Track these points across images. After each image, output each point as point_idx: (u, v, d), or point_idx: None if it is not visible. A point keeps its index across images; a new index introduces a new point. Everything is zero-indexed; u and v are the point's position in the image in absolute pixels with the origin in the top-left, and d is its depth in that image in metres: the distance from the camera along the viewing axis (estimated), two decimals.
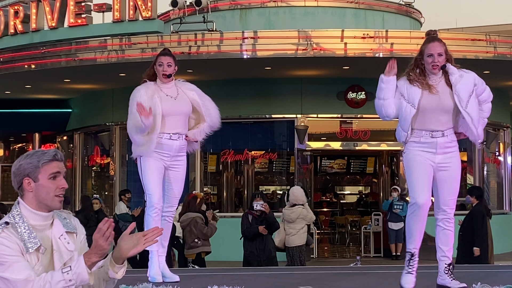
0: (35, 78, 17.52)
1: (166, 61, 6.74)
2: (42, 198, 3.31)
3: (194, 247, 11.32)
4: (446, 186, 5.87)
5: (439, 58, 5.86)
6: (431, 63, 5.87)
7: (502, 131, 20.02)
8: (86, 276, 3.16)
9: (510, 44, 15.73)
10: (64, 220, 3.41)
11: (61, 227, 3.37)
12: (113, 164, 18.72)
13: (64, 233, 3.36)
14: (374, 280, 7.39)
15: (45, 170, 3.32)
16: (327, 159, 23.36)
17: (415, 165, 5.89)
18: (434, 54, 5.88)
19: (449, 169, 5.86)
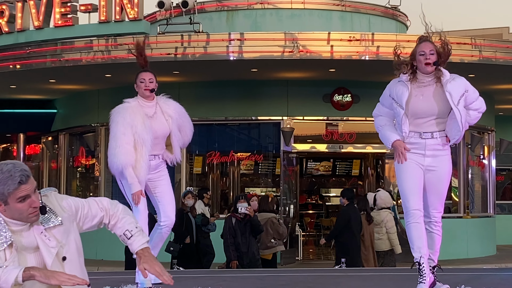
0: (20, 78, 17.44)
1: (147, 77, 6.84)
2: (17, 217, 3.35)
3: (270, 247, 11.40)
4: (433, 189, 5.88)
5: (431, 56, 5.93)
6: (423, 61, 5.93)
7: (487, 134, 20.11)
8: (11, 283, 3.16)
9: (495, 48, 15.81)
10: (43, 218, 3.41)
11: (40, 226, 3.38)
12: (98, 165, 18.66)
13: (43, 230, 3.37)
14: (359, 282, 7.40)
15: (13, 195, 3.32)
16: (313, 161, 23.37)
17: (405, 171, 5.89)
18: (426, 51, 5.96)
19: (437, 172, 5.87)
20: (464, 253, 17.54)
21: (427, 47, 5.99)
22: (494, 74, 16.64)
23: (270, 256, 11.46)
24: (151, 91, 6.79)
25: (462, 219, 18.40)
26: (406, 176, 5.89)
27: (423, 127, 5.90)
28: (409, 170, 5.87)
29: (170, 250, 12.13)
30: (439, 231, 5.92)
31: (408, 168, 5.87)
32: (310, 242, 21.59)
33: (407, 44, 14.77)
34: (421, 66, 5.94)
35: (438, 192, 5.89)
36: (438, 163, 5.89)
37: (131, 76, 16.83)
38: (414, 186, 5.86)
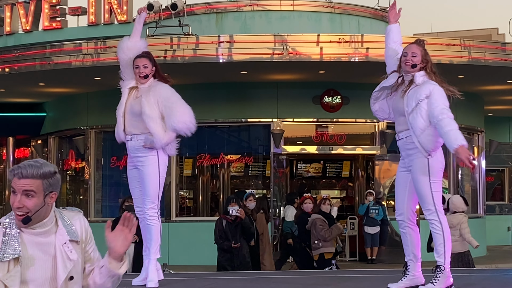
0: (9, 81, 17.38)
1: (141, 63, 7.00)
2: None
3: (315, 248, 11.46)
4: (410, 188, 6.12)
5: (413, 58, 6.13)
6: (404, 61, 6.16)
7: (477, 135, 20.16)
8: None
9: (484, 49, 15.85)
10: (68, 226, 3.35)
11: (65, 234, 3.31)
12: (88, 168, 18.61)
13: (68, 241, 3.30)
14: (349, 284, 7.40)
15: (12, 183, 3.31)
16: (303, 163, 23.36)
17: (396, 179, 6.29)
18: (408, 53, 6.17)
19: (411, 172, 6.08)
20: None
21: (410, 49, 6.20)
22: (483, 75, 16.69)
23: (317, 257, 11.55)
24: (144, 77, 6.95)
25: None
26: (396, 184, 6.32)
27: (397, 126, 6.21)
28: (397, 178, 6.28)
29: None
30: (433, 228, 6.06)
31: (397, 175, 6.29)
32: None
33: None
34: (402, 65, 6.19)
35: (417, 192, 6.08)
36: (410, 163, 6.08)
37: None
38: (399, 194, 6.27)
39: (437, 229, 6.01)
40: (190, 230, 16.75)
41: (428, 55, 6.25)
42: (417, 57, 6.14)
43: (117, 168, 18.04)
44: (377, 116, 6.52)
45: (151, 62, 6.99)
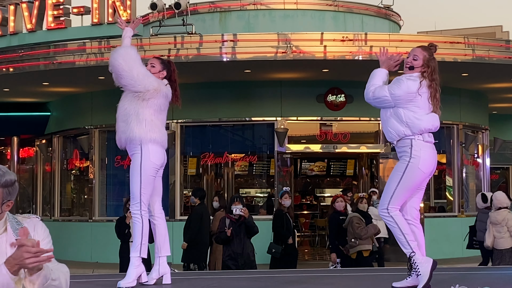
0: (14, 81, 17.40)
1: (150, 62, 7.10)
2: None
3: (352, 247, 11.51)
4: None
5: (413, 60, 6.23)
6: (405, 62, 6.32)
7: (481, 133, 20.13)
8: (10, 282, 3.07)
9: (488, 47, 15.83)
10: (19, 227, 3.35)
11: (12, 235, 3.33)
12: (92, 168, 18.63)
13: (15, 240, 3.28)
14: (353, 283, 7.40)
15: None
16: (307, 161, 23.38)
17: None
18: (410, 54, 6.29)
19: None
20: (459, 252, 17.53)
21: (413, 51, 6.32)
22: (487, 73, 16.66)
23: (355, 255, 11.59)
24: None
25: (457, 218, 18.42)
26: None
27: None
28: None
29: (272, 251, 12.12)
30: (387, 223, 6.24)
31: None
32: (305, 243, 21.59)
33: (401, 44, 14.91)
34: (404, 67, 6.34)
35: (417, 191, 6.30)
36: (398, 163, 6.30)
37: None
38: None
39: (389, 223, 6.16)
40: None
41: (432, 61, 6.25)
42: (418, 61, 6.19)
43: (121, 167, 18.05)
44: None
45: (162, 65, 6.99)
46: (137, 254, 6.71)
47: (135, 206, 6.74)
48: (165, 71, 6.97)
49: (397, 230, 6.07)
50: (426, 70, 6.20)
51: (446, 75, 16.68)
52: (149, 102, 6.72)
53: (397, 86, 6.14)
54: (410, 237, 6.06)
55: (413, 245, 6.03)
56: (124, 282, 6.60)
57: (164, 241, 6.92)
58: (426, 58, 6.17)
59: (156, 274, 6.85)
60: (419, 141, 6.11)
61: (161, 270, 6.86)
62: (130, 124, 6.75)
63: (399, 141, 6.15)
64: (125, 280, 6.62)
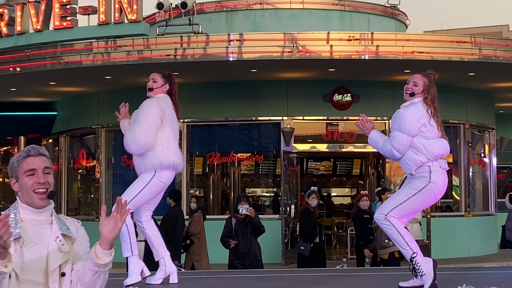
0: (20, 81, 17.44)
1: (151, 77, 7.16)
2: (25, 196, 3.37)
3: (385, 247, 11.56)
4: None
5: (413, 87, 6.32)
6: (405, 89, 6.41)
7: (488, 132, 20.09)
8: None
9: (495, 46, 15.79)
10: (62, 223, 3.42)
11: (58, 229, 3.38)
12: (99, 167, 18.66)
13: (60, 235, 3.36)
14: (360, 282, 7.40)
15: (21, 168, 3.39)
16: (313, 161, 23.37)
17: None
18: (410, 81, 6.36)
19: None
20: (465, 252, 17.53)
21: (413, 78, 6.38)
22: (494, 72, 16.63)
23: (386, 256, 11.64)
24: (149, 89, 7.12)
25: (464, 217, 18.39)
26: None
27: None
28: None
29: (301, 249, 12.20)
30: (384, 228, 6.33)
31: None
32: None
33: (407, 43, 14.90)
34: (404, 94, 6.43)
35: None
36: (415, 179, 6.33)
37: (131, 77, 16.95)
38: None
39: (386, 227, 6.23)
40: None
41: (432, 88, 6.32)
42: (418, 87, 6.28)
43: (127, 166, 18.07)
44: None
45: (163, 79, 7.04)
46: (130, 254, 6.79)
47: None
48: (167, 84, 7.04)
49: (395, 233, 6.10)
50: (427, 97, 6.25)
51: (453, 74, 16.67)
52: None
53: (403, 120, 6.21)
54: (408, 237, 6.09)
55: (412, 246, 6.05)
56: (129, 280, 6.65)
57: (160, 243, 6.98)
58: (426, 85, 6.25)
59: (162, 273, 6.88)
60: (437, 168, 6.18)
61: (167, 270, 6.89)
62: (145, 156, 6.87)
63: (416, 170, 6.18)
64: (129, 278, 6.68)
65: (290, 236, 16.98)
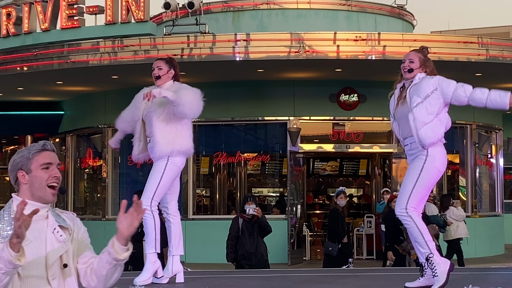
0: (28, 80, 17.49)
1: (155, 65, 7.08)
2: (36, 189, 3.36)
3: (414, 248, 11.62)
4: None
5: (409, 64, 6.24)
6: (402, 68, 6.29)
7: (494, 133, 20.06)
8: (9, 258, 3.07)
9: (502, 47, 15.77)
10: (57, 216, 3.43)
11: (54, 221, 3.39)
12: (105, 167, 18.70)
13: (57, 226, 3.38)
14: (366, 283, 7.40)
15: (36, 160, 3.39)
16: (320, 161, 23.38)
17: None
18: (405, 60, 6.29)
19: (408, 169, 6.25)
20: (472, 252, 17.49)
21: (407, 56, 6.32)
22: (501, 73, 16.60)
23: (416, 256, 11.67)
24: (156, 78, 7.04)
25: (470, 218, 18.36)
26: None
27: (403, 133, 6.26)
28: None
29: (329, 250, 12.23)
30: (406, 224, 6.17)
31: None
32: (318, 242, 21.56)
33: (414, 44, 14.88)
34: (402, 73, 6.31)
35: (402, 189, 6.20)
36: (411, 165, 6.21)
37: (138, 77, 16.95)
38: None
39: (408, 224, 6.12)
40: (207, 228, 16.77)
41: (428, 61, 6.30)
42: (415, 63, 6.24)
43: (134, 166, 18.09)
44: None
45: (167, 64, 7.03)
46: (153, 250, 6.78)
47: (146, 201, 6.75)
48: (172, 69, 7.05)
49: (415, 230, 6.06)
50: (426, 71, 6.23)
51: (460, 75, 16.62)
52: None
53: (448, 79, 6.15)
54: (428, 237, 6.06)
55: (431, 246, 6.02)
56: (140, 279, 6.65)
57: (178, 241, 6.97)
58: (422, 59, 6.24)
59: (169, 273, 6.89)
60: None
61: (174, 269, 6.90)
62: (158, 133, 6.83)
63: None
64: (141, 277, 6.67)
65: (296, 236, 16.98)
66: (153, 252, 6.77)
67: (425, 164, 6.05)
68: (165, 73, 6.99)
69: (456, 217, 14.55)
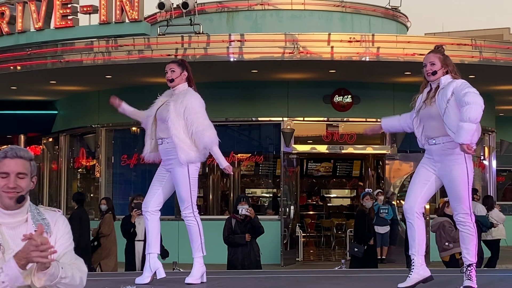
0: (21, 79, 17.45)
1: (168, 68, 7.10)
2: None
3: (446, 250, 11.66)
4: (449, 192, 6.19)
5: (432, 67, 6.22)
6: (425, 72, 6.27)
7: (488, 135, 20.11)
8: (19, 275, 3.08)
9: (495, 49, 15.81)
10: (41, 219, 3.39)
11: (31, 226, 3.35)
12: (98, 166, 18.67)
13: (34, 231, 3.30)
14: (358, 283, 7.41)
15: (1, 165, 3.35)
16: (313, 162, 23.39)
17: (415, 172, 6.35)
18: (426, 64, 6.26)
19: (448, 176, 6.13)
20: None
21: (427, 60, 6.29)
22: (494, 75, 16.64)
23: (448, 258, 11.73)
24: (170, 81, 7.04)
25: None
26: (414, 176, 6.36)
27: (429, 132, 6.20)
28: (417, 171, 6.32)
29: (355, 251, 12.22)
30: (468, 230, 6.14)
31: (418, 169, 6.33)
32: (311, 243, 21.60)
33: (408, 45, 14.91)
34: (425, 77, 6.29)
35: (453, 195, 6.14)
36: (448, 168, 6.12)
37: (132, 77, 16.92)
38: (413, 185, 6.27)
39: (471, 231, 6.14)
40: None
41: (448, 59, 6.33)
42: (436, 64, 6.22)
43: (127, 166, 18.10)
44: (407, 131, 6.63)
45: (180, 67, 7.05)
46: (201, 254, 6.93)
47: (187, 210, 6.91)
48: (185, 71, 7.08)
49: (474, 238, 6.16)
50: (448, 70, 6.24)
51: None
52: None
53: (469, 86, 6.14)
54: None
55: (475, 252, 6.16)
56: (190, 279, 6.79)
57: (156, 239, 7.02)
58: (441, 59, 6.26)
59: (148, 272, 6.91)
60: None
61: (152, 266, 6.93)
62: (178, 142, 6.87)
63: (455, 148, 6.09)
64: (191, 277, 6.82)
65: (289, 237, 16.99)
66: (201, 255, 6.92)
67: (468, 167, 6.10)
68: (178, 75, 7.03)
69: (498, 218, 14.71)
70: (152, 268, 6.91)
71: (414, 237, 6.21)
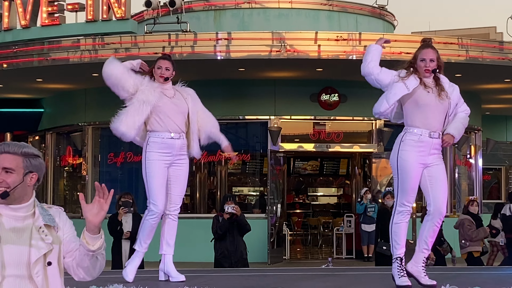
0: (7, 77, 17.38)
1: (165, 65, 7.01)
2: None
3: (462, 248, 11.68)
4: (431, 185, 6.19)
5: (431, 63, 6.18)
6: (423, 67, 6.17)
7: (474, 134, 20.19)
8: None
9: (482, 48, 15.88)
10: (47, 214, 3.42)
11: (41, 220, 3.38)
12: (85, 165, 18.62)
13: (43, 225, 3.36)
14: (345, 281, 7.42)
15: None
16: (300, 160, 23.43)
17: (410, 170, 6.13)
18: (426, 59, 6.19)
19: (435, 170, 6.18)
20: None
21: (428, 55, 6.21)
22: (481, 74, 16.71)
23: (465, 256, 11.77)
24: (165, 79, 6.97)
25: (449, 218, 18.41)
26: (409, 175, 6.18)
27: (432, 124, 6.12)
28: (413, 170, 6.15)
29: (383, 249, 12.23)
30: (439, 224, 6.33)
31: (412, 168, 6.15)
32: (298, 242, 21.63)
33: (394, 44, 14.95)
34: (421, 71, 6.18)
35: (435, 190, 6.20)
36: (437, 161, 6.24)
37: None
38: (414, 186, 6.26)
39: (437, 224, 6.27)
40: (187, 227, 16.71)
41: (440, 57, 6.34)
42: (435, 62, 6.22)
43: (114, 164, 18.05)
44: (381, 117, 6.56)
45: (173, 66, 7.08)
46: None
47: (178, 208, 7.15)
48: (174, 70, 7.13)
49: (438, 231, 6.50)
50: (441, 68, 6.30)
51: None
52: None
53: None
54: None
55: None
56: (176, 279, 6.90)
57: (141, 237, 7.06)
58: (438, 57, 6.30)
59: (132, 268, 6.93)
60: None
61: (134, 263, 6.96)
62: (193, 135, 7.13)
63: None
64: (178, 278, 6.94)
65: (276, 235, 17.00)
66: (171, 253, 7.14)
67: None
68: (170, 75, 7.03)
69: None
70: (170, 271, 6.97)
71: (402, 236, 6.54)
